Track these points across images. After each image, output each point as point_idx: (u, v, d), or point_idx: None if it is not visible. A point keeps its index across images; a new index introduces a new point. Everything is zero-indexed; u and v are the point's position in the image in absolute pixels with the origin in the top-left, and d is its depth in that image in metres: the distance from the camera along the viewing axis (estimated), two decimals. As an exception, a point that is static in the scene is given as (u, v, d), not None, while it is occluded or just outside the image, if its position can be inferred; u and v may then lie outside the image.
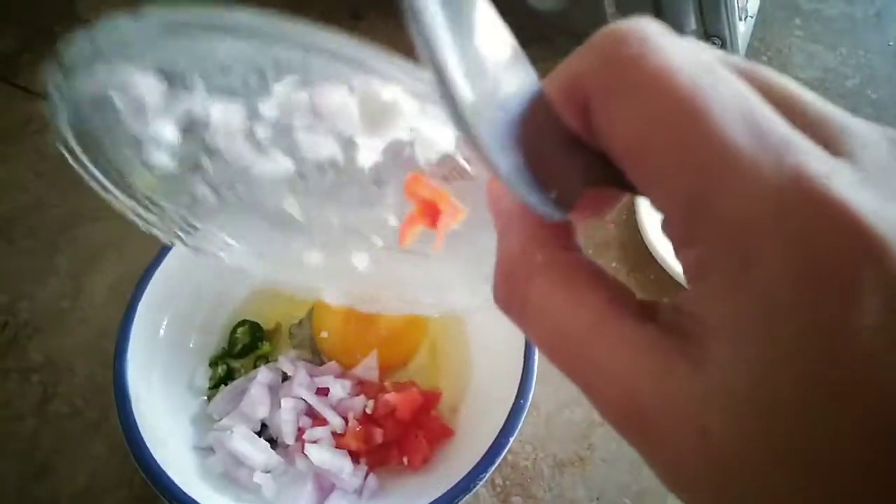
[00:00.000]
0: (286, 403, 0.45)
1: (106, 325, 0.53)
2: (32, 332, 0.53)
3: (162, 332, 0.47)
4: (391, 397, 0.45)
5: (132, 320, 0.44)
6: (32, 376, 0.51)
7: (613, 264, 0.58)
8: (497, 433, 0.42)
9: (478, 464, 0.41)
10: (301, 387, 0.46)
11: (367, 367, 0.48)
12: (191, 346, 0.49)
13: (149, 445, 0.41)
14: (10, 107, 0.66)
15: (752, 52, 0.70)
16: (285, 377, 0.47)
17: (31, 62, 0.69)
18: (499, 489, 0.48)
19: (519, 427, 0.42)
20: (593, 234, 0.59)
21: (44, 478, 0.48)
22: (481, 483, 0.41)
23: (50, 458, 0.48)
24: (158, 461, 0.40)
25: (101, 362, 0.51)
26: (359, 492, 0.44)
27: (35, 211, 0.60)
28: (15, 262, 0.57)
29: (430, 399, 0.47)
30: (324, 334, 0.49)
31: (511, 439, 0.42)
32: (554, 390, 0.52)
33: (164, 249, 0.46)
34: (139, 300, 0.45)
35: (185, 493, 0.39)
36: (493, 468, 0.41)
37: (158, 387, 0.45)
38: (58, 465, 0.48)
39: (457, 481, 0.40)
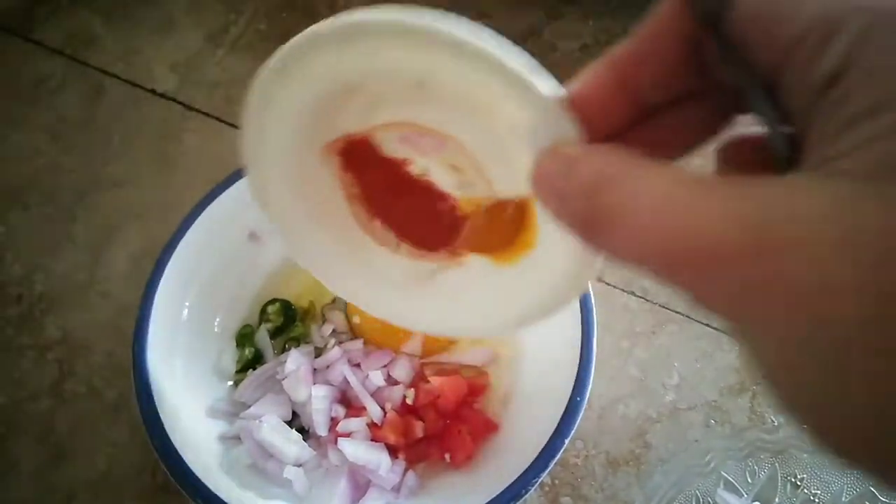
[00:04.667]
0: (318, 391, 0.42)
1: (126, 301, 0.50)
2: (48, 306, 0.50)
3: (185, 312, 0.43)
4: (435, 382, 0.41)
5: (152, 301, 0.40)
6: (48, 353, 0.48)
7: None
8: (551, 433, 0.38)
9: (529, 467, 0.37)
10: (339, 369, 0.42)
11: (411, 348, 0.44)
12: (216, 328, 0.45)
13: (169, 434, 0.37)
14: (25, 64, 0.61)
15: None
16: (318, 356, 0.44)
17: (46, 15, 0.64)
18: (547, 488, 0.44)
19: (576, 427, 0.38)
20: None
21: (60, 463, 0.45)
22: (533, 489, 0.37)
23: (66, 442, 0.45)
24: (179, 451, 0.37)
25: (121, 340, 0.48)
26: (397, 489, 0.40)
27: (51, 176, 0.56)
28: (30, 231, 0.53)
29: (475, 388, 0.43)
30: (356, 319, 0.45)
31: (567, 441, 0.38)
32: (607, 382, 0.48)
33: (185, 223, 0.43)
34: (159, 279, 0.41)
35: (206, 487, 0.36)
36: (546, 472, 0.37)
37: (181, 371, 0.41)
38: (75, 449, 0.45)
39: (507, 484, 0.37)
